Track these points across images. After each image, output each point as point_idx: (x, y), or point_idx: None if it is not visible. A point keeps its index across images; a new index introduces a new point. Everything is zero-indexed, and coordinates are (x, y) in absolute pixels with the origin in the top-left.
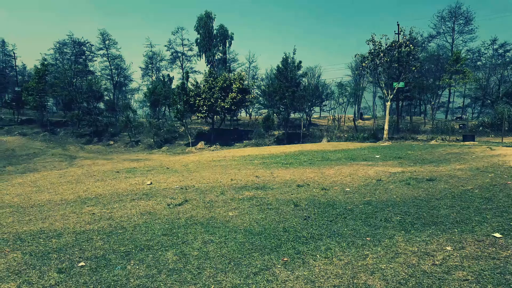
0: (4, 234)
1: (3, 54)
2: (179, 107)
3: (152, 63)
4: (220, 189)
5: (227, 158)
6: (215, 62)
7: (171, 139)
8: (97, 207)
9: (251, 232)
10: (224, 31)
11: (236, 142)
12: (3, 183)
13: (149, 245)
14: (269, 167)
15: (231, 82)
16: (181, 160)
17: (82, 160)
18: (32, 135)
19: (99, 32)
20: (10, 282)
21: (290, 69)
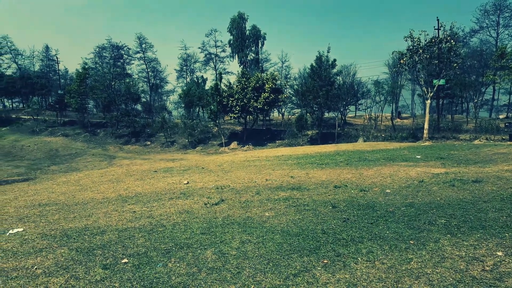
0: (52, 231)
1: (47, 59)
2: (213, 108)
3: (187, 65)
4: (255, 189)
5: (260, 158)
6: (247, 62)
7: (204, 139)
8: (137, 205)
9: (289, 233)
10: (257, 31)
11: (269, 142)
12: (48, 182)
13: (188, 243)
14: (304, 168)
15: (263, 82)
16: (215, 160)
17: (121, 160)
18: (74, 136)
19: (136, 36)
20: (59, 277)
21: (324, 67)
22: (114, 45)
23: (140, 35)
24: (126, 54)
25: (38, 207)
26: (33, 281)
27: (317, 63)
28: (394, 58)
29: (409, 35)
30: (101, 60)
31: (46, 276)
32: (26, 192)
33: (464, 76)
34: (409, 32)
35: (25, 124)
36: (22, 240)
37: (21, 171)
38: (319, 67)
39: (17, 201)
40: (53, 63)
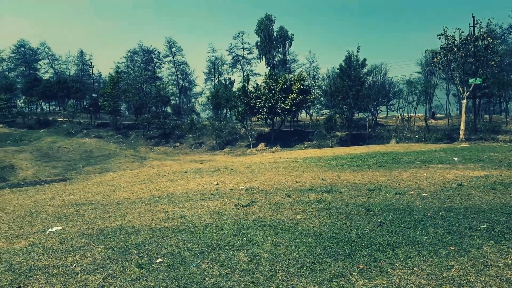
0: (89, 229)
1: (82, 63)
2: (240, 109)
3: (214, 68)
4: (286, 191)
5: (289, 160)
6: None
7: (232, 141)
8: (169, 205)
9: (322, 236)
10: (284, 32)
11: (297, 143)
12: (84, 182)
13: (220, 244)
14: (334, 170)
15: (291, 83)
16: (244, 161)
17: (152, 161)
18: (107, 137)
19: (166, 40)
20: (96, 275)
21: (353, 67)
22: (145, 49)
23: (170, 39)
24: (157, 58)
25: (75, 207)
26: (73, 279)
27: (346, 63)
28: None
29: (442, 33)
30: (133, 64)
31: (85, 274)
32: (63, 191)
33: (503, 74)
34: (442, 30)
35: (61, 127)
36: (61, 238)
37: (57, 171)
38: (348, 67)
39: (55, 201)
40: (87, 68)
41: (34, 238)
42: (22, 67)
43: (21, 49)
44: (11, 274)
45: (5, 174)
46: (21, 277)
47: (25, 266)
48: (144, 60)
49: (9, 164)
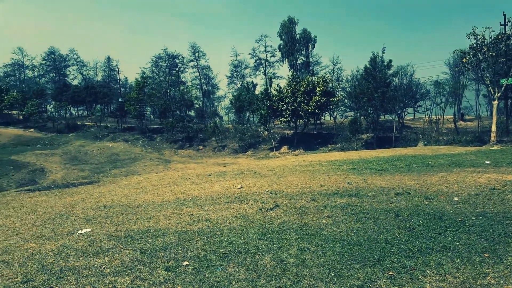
0: (117, 232)
1: (109, 69)
2: (263, 112)
3: (237, 71)
4: (311, 195)
5: (313, 163)
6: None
7: (255, 144)
8: (194, 208)
9: (349, 242)
10: (307, 35)
11: (320, 146)
12: (111, 185)
13: (246, 248)
14: (361, 173)
15: (314, 85)
16: (267, 165)
17: (176, 164)
18: (133, 141)
19: (190, 45)
20: (125, 277)
21: (379, 68)
22: (169, 55)
23: (194, 44)
24: (181, 62)
25: (103, 209)
26: (102, 280)
27: (371, 64)
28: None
29: (472, 32)
30: (158, 69)
31: (114, 276)
32: (91, 194)
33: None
34: (471, 30)
35: (89, 131)
36: (90, 240)
37: (85, 174)
38: (373, 68)
39: (84, 203)
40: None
41: (65, 239)
42: (52, 73)
43: (51, 56)
44: (44, 274)
45: (35, 176)
46: (53, 277)
47: (56, 267)
48: (169, 65)
49: (39, 167)
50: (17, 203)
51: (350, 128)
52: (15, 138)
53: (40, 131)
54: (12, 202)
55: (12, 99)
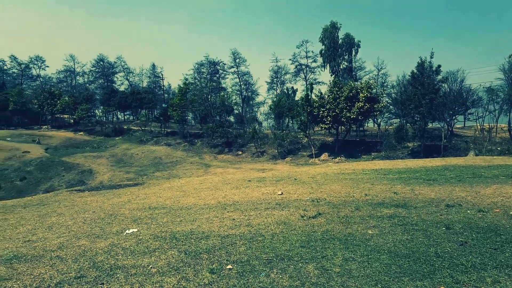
0: (162, 233)
1: (154, 75)
2: (303, 119)
3: (277, 77)
4: (354, 204)
5: (356, 171)
6: (340, 71)
7: (294, 150)
8: (235, 213)
9: (397, 254)
10: (350, 39)
11: (363, 154)
12: (155, 187)
13: (289, 255)
14: (408, 183)
15: (357, 91)
16: (307, 172)
17: (215, 168)
18: (175, 145)
19: (231, 52)
20: (171, 277)
21: (426, 74)
22: (211, 61)
23: (235, 50)
24: (222, 69)
25: (148, 210)
26: (149, 279)
27: (418, 70)
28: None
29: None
30: (200, 76)
31: (160, 276)
32: (137, 196)
33: None
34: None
35: (134, 134)
36: (137, 240)
37: (130, 176)
38: (421, 74)
39: (131, 204)
40: (158, 80)
41: (113, 238)
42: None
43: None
44: (95, 271)
45: (84, 177)
46: (104, 274)
47: (106, 265)
48: (210, 71)
49: (88, 169)
50: (68, 202)
51: (395, 135)
52: (66, 141)
53: (89, 134)
54: (64, 201)
55: (64, 104)
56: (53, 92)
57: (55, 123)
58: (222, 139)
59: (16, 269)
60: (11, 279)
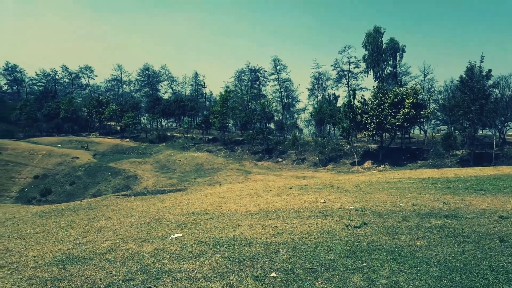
0: (206, 238)
1: (196, 83)
2: (345, 125)
3: (318, 83)
4: (401, 214)
5: (402, 180)
6: (383, 77)
7: (336, 158)
8: (278, 220)
9: (447, 266)
10: (394, 44)
11: (409, 162)
12: (198, 193)
13: (333, 265)
14: (457, 193)
15: (403, 97)
16: (350, 180)
17: (256, 175)
18: (216, 152)
19: (272, 59)
20: (216, 283)
21: (476, 79)
22: (252, 69)
23: (276, 57)
24: (262, 76)
25: (192, 216)
26: (195, 284)
27: (467, 75)
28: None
29: None
30: (240, 83)
31: (205, 281)
32: (180, 201)
33: None
34: None
35: (177, 141)
36: (182, 244)
37: (173, 182)
38: (470, 79)
39: (175, 209)
40: (200, 87)
41: (159, 243)
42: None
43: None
44: (142, 274)
45: (130, 183)
46: (151, 278)
47: (153, 268)
48: (251, 78)
49: (133, 174)
50: (115, 206)
51: (443, 143)
52: (113, 147)
53: (134, 141)
54: (111, 206)
55: (111, 112)
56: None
57: (102, 130)
58: (262, 146)
59: (69, 270)
60: (64, 280)
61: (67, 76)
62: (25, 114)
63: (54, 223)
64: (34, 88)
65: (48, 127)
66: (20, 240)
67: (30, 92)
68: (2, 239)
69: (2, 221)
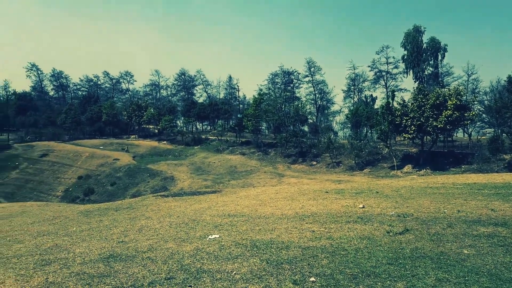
0: (243, 240)
1: (230, 87)
2: (383, 128)
3: (354, 85)
4: (446, 221)
5: (446, 185)
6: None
7: (373, 161)
8: (315, 225)
9: (499, 277)
10: (436, 43)
11: (452, 166)
12: (233, 195)
13: (375, 272)
14: (507, 199)
15: (445, 98)
16: (390, 184)
17: (289, 178)
18: (249, 154)
19: (306, 61)
20: (255, 285)
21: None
22: (285, 71)
23: (310, 59)
24: (296, 78)
25: (228, 217)
26: (234, 285)
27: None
28: None
29: None
30: (274, 86)
31: (244, 282)
32: (216, 203)
33: None
34: None
35: (211, 144)
36: (220, 246)
37: (208, 183)
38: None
39: (211, 210)
40: (234, 91)
41: (197, 243)
42: (182, 92)
43: (182, 77)
44: (183, 273)
45: (167, 184)
46: (191, 277)
47: (193, 268)
48: (284, 81)
49: (170, 176)
50: (154, 206)
51: (489, 146)
52: (151, 149)
53: (171, 143)
54: (151, 206)
55: (149, 115)
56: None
57: (141, 133)
58: (296, 149)
59: (113, 267)
60: (109, 276)
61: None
62: (70, 118)
63: (98, 222)
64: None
65: (91, 130)
66: (67, 237)
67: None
68: (51, 235)
69: (50, 218)
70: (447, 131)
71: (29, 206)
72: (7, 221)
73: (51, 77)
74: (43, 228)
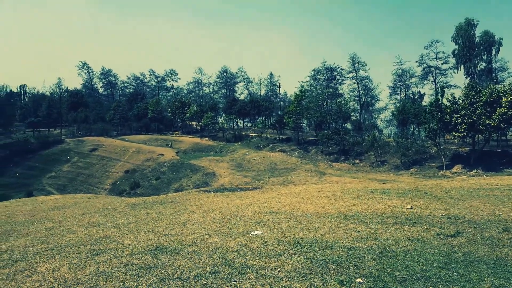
0: (286, 238)
1: (271, 84)
2: (432, 126)
3: (401, 81)
4: (502, 225)
5: (501, 187)
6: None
7: (420, 161)
8: (360, 225)
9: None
10: (489, 37)
11: (506, 167)
12: (273, 192)
13: (425, 275)
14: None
15: (499, 95)
16: (439, 185)
17: (330, 177)
18: (290, 151)
19: (349, 56)
20: (299, 283)
21: None
22: (328, 67)
23: (354, 55)
24: (339, 74)
25: (270, 214)
26: (279, 282)
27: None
28: None
29: None
30: (316, 82)
31: (289, 280)
32: (257, 199)
33: None
34: None
35: (251, 141)
36: (263, 242)
37: (248, 180)
38: None
39: (252, 207)
40: (275, 88)
41: (240, 238)
42: (224, 90)
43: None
44: (227, 268)
45: (208, 179)
46: (235, 272)
47: (237, 263)
48: (327, 77)
49: (211, 171)
50: (197, 201)
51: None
52: (194, 145)
53: (212, 140)
54: (194, 200)
55: (192, 112)
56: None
57: (184, 129)
58: (338, 147)
59: (160, 259)
60: (156, 268)
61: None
62: (117, 114)
63: (144, 215)
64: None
65: (137, 126)
66: (116, 229)
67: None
68: (101, 227)
69: (100, 210)
70: (501, 129)
71: (80, 198)
72: (60, 212)
73: (100, 75)
74: (93, 219)
